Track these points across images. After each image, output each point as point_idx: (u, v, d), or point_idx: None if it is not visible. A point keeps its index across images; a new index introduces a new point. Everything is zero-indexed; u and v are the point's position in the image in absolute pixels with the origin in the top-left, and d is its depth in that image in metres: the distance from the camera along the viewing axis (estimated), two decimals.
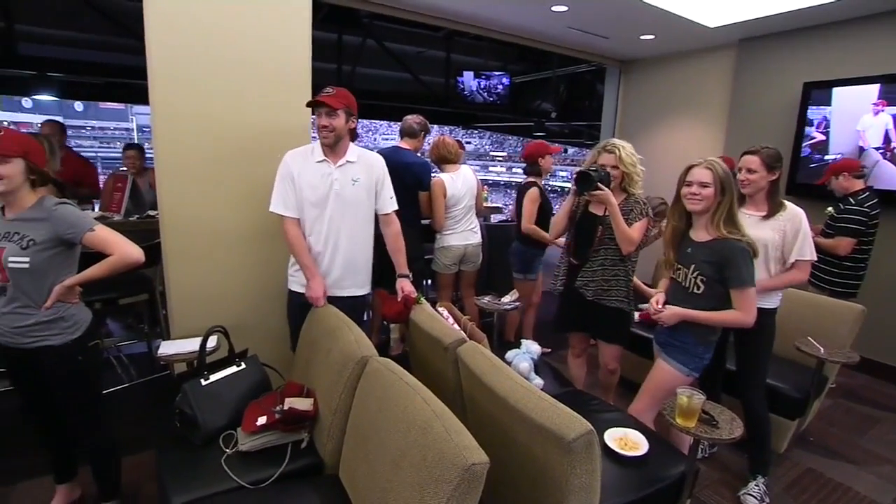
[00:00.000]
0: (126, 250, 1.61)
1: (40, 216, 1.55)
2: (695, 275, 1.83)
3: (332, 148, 2.05)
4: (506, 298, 2.69)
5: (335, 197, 2.06)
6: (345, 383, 1.62)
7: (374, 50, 7.80)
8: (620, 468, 1.70)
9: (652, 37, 4.34)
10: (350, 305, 2.10)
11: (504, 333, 3.45)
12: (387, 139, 31.13)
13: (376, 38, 7.68)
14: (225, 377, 1.78)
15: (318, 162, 2.05)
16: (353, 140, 2.15)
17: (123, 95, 8.14)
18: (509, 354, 2.31)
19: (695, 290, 1.84)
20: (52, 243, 1.56)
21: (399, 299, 2.15)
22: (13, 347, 1.60)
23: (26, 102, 24.07)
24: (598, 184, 2.11)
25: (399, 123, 3.08)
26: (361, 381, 1.60)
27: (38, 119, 25.67)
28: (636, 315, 2.69)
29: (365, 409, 1.52)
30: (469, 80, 6.71)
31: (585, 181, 2.12)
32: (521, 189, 3.14)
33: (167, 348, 1.98)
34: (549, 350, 3.42)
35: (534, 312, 3.47)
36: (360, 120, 2.23)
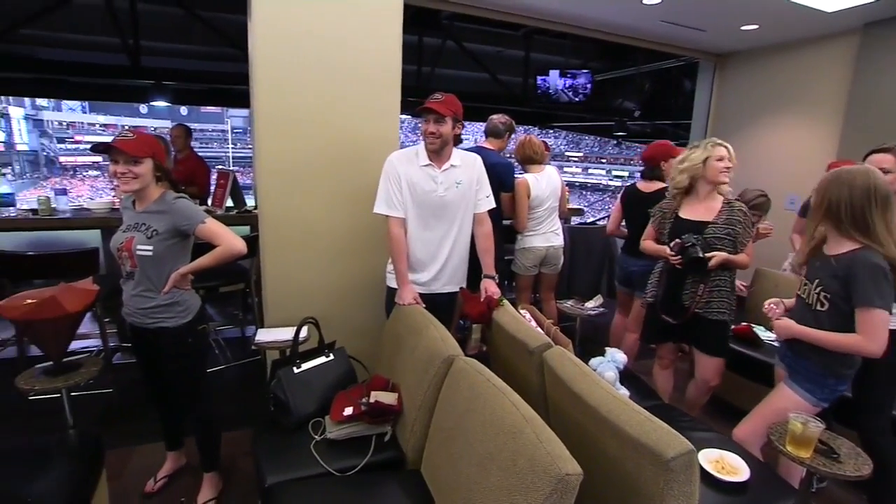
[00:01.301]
0: (231, 242, 1.73)
1: (163, 209, 1.72)
2: (818, 290, 1.64)
3: (438, 153, 2.08)
4: (590, 304, 2.59)
5: (439, 200, 2.10)
6: (430, 381, 1.64)
7: (452, 51, 7.88)
8: (717, 493, 1.57)
9: (755, 27, 3.98)
10: (444, 301, 2.17)
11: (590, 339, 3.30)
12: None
13: (455, 39, 7.76)
14: (315, 366, 1.87)
15: (423, 166, 2.09)
16: (456, 145, 2.18)
17: (221, 100, 8.88)
18: (593, 362, 2.21)
19: (817, 307, 1.64)
20: (171, 234, 1.71)
21: (482, 300, 2.14)
22: (138, 326, 1.79)
23: (142, 108, 27.04)
24: (706, 255, 2.01)
25: (475, 123, 3.06)
26: (447, 379, 1.61)
27: (151, 123, 28.82)
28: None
29: (450, 407, 1.53)
30: (555, 78, 6.56)
31: (698, 264, 2.02)
32: (638, 196, 2.85)
33: (263, 336, 2.11)
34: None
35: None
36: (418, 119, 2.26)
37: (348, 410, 1.72)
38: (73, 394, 1.94)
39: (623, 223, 3.03)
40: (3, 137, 23.47)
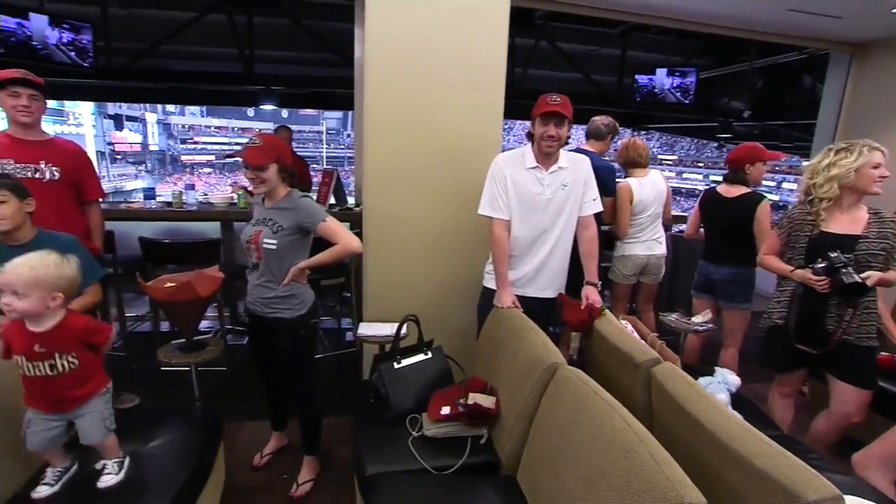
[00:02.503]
0: (348, 241, 1.82)
1: (288, 206, 1.84)
2: None
3: (549, 156, 2.05)
4: (697, 318, 2.40)
5: (545, 203, 2.07)
6: (531, 387, 1.60)
7: (545, 51, 7.73)
8: None
9: None
10: (542, 306, 2.13)
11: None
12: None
13: (549, 39, 7.60)
14: (415, 363, 1.91)
15: (530, 168, 2.07)
16: (562, 146, 2.14)
17: (321, 103, 9.47)
18: (702, 382, 2.05)
19: None
20: (294, 230, 1.83)
21: (583, 307, 2.06)
22: (257, 314, 1.94)
23: (250, 112, 29.64)
24: (862, 277, 1.79)
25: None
26: (550, 387, 1.57)
27: (257, 125, 31.49)
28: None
29: (553, 417, 1.48)
30: (662, 77, 6.16)
31: (853, 289, 1.79)
32: (719, 200, 2.68)
33: (364, 329, 2.20)
34: None
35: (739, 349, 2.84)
36: (523, 122, 2.22)
37: (446, 410, 1.74)
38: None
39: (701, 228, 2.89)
40: (140, 139, 26.88)
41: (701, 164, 36.03)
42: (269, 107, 7.88)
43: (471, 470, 1.66)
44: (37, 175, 2.14)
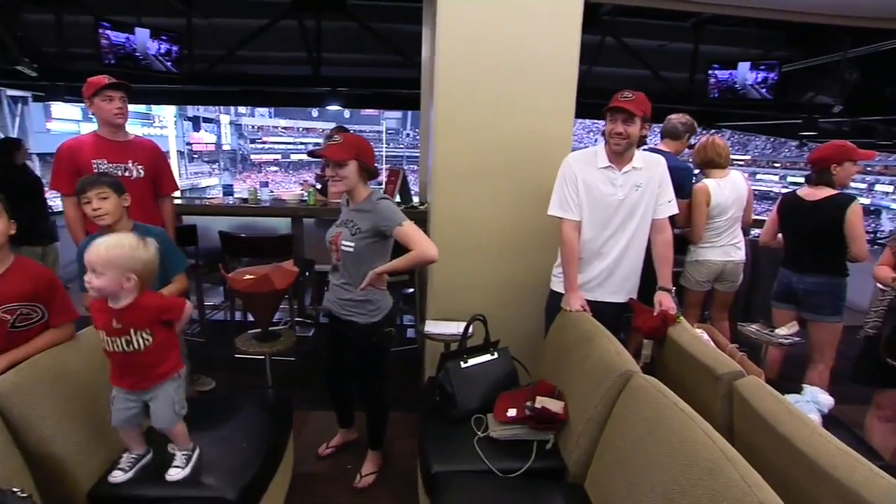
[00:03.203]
0: (425, 248, 1.76)
1: (367, 209, 1.83)
2: None
3: (620, 155, 1.98)
4: (782, 331, 2.23)
5: (618, 204, 2.01)
6: (603, 394, 1.55)
7: (610, 47, 7.47)
8: None
9: None
10: (612, 311, 2.06)
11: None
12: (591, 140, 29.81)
13: (615, 35, 7.35)
14: (481, 363, 1.90)
15: (602, 168, 2.01)
16: (640, 146, 2.06)
17: (384, 103, 9.69)
18: (789, 400, 1.90)
19: None
20: (372, 233, 1.82)
21: (655, 313, 1.97)
22: (334, 314, 1.96)
23: (314, 112, 30.87)
24: None
25: None
26: (622, 395, 1.51)
27: (320, 125, 32.77)
28: None
29: (626, 427, 1.42)
30: (744, 72, 5.75)
31: None
32: (800, 205, 2.48)
33: (431, 327, 2.23)
34: None
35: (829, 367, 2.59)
36: (582, 120, 2.14)
37: (512, 412, 1.72)
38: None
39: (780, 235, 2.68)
40: (214, 139, 28.75)
41: (777, 165, 33.53)
42: (334, 107, 8.16)
43: (536, 475, 1.64)
44: (126, 173, 2.33)
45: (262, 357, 2.17)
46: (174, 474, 1.50)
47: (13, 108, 15.98)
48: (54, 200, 4.02)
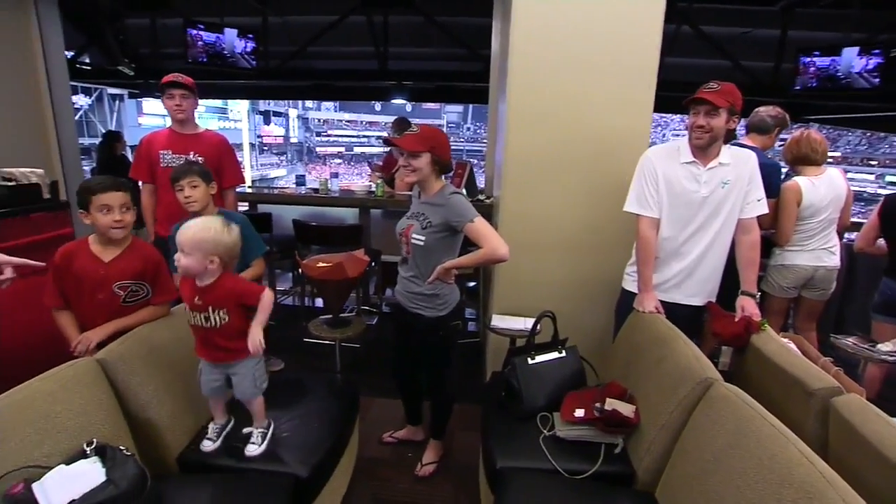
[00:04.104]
0: (496, 246, 1.73)
1: (440, 202, 1.83)
2: None
3: (704, 150, 1.87)
4: (886, 346, 2.02)
5: (701, 201, 1.90)
6: (679, 401, 1.48)
7: (686, 36, 7.06)
8: None
9: None
10: (687, 314, 1.96)
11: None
12: (676, 134, 28.33)
13: (691, 23, 6.92)
14: (548, 360, 1.87)
15: (686, 163, 1.91)
16: (728, 141, 1.94)
17: (448, 96, 9.73)
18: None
19: None
20: (442, 227, 1.81)
21: (737, 319, 1.86)
22: (401, 306, 1.99)
23: (377, 106, 31.58)
24: None
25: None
26: (701, 404, 1.43)
27: (383, 119, 33.48)
28: None
29: (706, 437, 1.35)
30: (850, 58, 5.19)
31: None
32: None
33: (498, 322, 2.22)
34: None
35: None
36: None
37: (580, 412, 1.68)
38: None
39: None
40: (283, 132, 30.18)
41: (874, 163, 30.37)
42: (399, 101, 8.30)
43: (603, 478, 1.59)
44: None
45: (330, 342, 2.25)
46: (251, 451, 1.60)
47: (112, 104, 17.55)
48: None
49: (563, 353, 1.92)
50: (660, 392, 1.59)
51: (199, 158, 2.52)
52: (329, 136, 34.29)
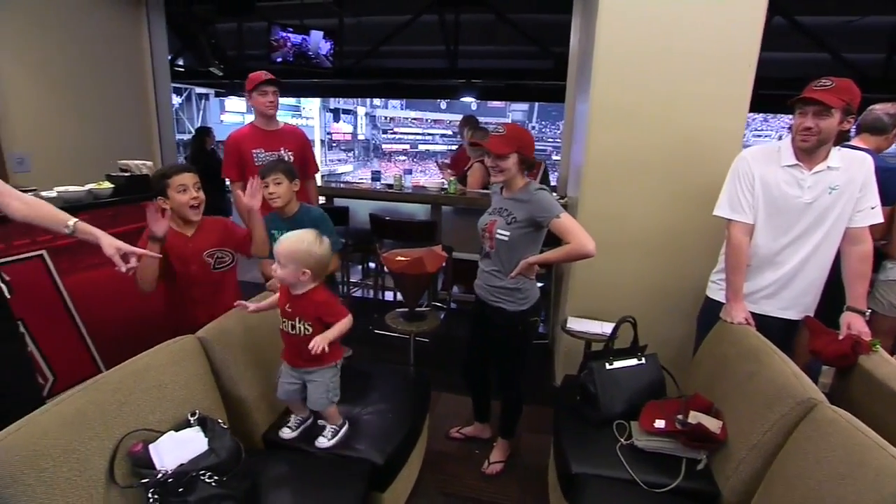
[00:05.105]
0: (583, 241, 1.70)
1: (524, 198, 1.82)
2: None
3: (810, 153, 1.72)
4: None
5: (803, 208, 1.75)
6: (775, 421, 1.39)
7: (778, 27, 6.52)
8: None
9: None
10: (780, 328, 1.82)
11: None
12: (758, 135, 26.34)
13: (784, 13, 6.39)
14: (627, 367, 1.81)
15: (787, 166, 1.76)
16: (839, 143, 1.78)
17: (516, 94, 9.66)
18: None
19: None
20: (527, 223, 1.81)
21: (842, 337, 1.70)
22: (482, 299, 1.99)
23: (442, 104, 31.88)
24: None
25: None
26: (802, 425, 1.33)
27: (448, 117, 33.77)
28: None
29: (809, 463, 1.25)
30: None
31: None
32: None
33: (574, 324, 2.18)
34: None
35: None
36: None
37: (660, 423, 1.61)
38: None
39: None
40: (351, 129, 31.21)
41: None
42: (467, 99, 8.32)
43: (683, 494, 1.52)
44: None
45: (401, 335, 2.30)
46: (321, 443, 1.68)
47: (198, 103, 18.96)
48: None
49: (643, 361, 1.85)
50: (750, 409, 1.49)
51: (290, 153, 2.66)
52: (395, 133, 35.03)
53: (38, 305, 2.10)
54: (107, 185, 2.44)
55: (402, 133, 35.05)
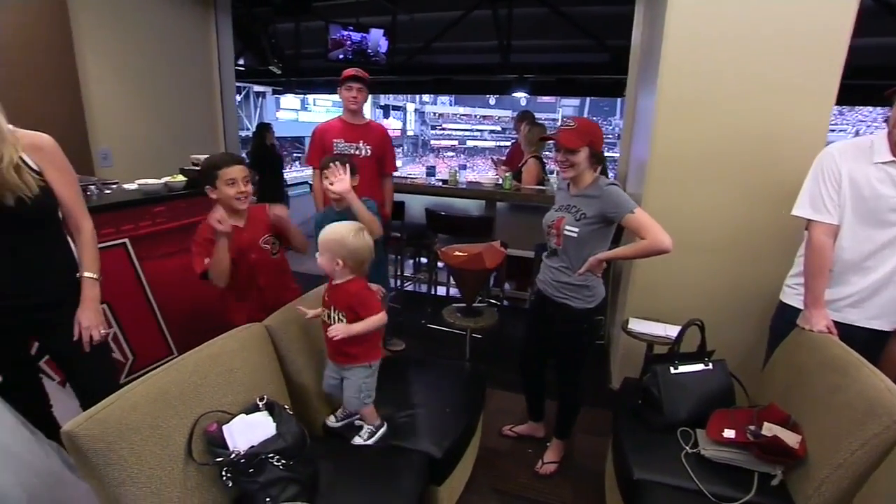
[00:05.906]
0: (658, 237, 1.64)
1: (594, 194, 1.77)
2: None
3: None
4: None
5: None
6: (866, 439, 1.28)
7: (867, 10, 5.93)
8: None
9: None
10: (865, 339, 1.67)
11: None
12: (832, 129, 24.39)
13: None
14: (694, 372, 1.73)
15: (882, 163, 1.61)
16: None
17: (569, 89, 9.44)
18: None
19: None
20: (598, 219, 1.76)
21: None
22: (546, 295, 1.95)
23: (491, 100, 31.66)
24: None
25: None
26: None
27: (497, 113, 33.50)
28: None
29: None
30: None
31: None
32: None
33: (636, 326, 2.10)
34: None
35: None
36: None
37: (730, 433, 1.53)
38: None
39: None
40: (400, 125, 31.56)
41: None
42: (518, 94, 8.20)
43: None
44: (356, 151, 2.74)
45: (458, 331, 2.31)
46: (357, 441, 1.68)
47: (255, 100, 19.78)
48: (288, 174, 4.83)
49: (710, 366, 1.75)
50: (835, 425, 1.38)
51: (368, 147, 2.75)
52: (444, 129, 35.12)
53: (121, 291, 2.26)
54: (180, 177, 2.59)
55: (451, 129, 35.08)
